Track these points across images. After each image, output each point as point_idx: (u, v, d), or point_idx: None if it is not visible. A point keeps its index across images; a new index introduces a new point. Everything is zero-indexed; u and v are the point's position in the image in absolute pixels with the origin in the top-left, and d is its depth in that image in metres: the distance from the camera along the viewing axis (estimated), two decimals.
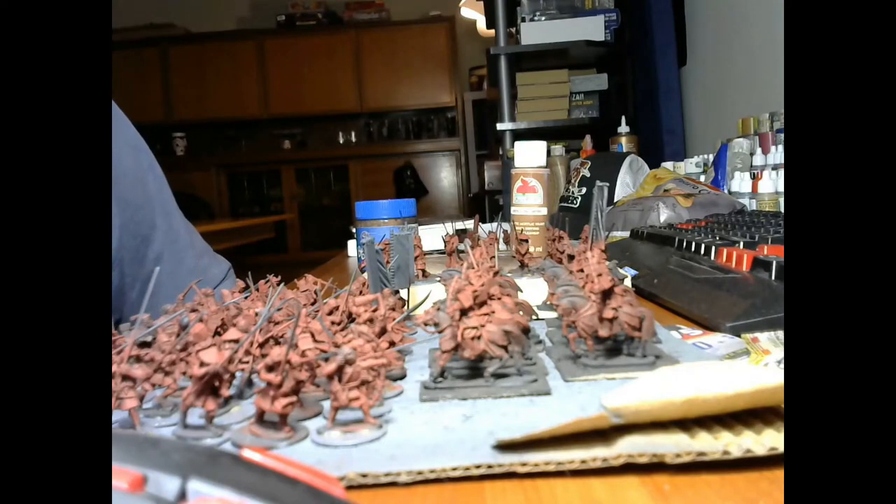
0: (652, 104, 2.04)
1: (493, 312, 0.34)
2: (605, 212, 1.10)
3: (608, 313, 0.34)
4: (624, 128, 1.88)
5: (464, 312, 0.33)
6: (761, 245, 0.56)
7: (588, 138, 2.00)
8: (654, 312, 0.45)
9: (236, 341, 0.34)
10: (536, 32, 2.09)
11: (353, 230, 1.53)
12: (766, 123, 1.35)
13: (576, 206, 1.28)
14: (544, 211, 0.74)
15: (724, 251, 0.56)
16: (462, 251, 0.64)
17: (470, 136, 4.97)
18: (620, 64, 2.29)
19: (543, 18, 2.12)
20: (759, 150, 1.17)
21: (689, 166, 1.32)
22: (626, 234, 0.98)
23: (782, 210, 0.97)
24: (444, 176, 5.24)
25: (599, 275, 0.34)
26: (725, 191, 1.08)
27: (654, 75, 2.02)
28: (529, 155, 0.73)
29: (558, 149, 1.95)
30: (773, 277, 0.46)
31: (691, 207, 0.97)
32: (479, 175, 4.51)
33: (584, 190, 1.27)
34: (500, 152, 2.34)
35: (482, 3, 2.55)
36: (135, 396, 0.30)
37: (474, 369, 0.35)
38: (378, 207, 0.92)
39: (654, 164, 1.46)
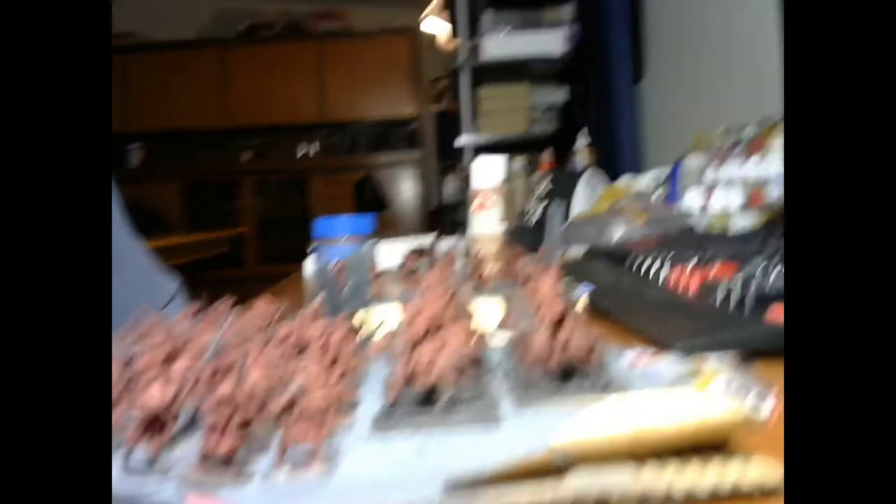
0: (609, 118, 2.07)
1: (447, 341, 0.34)
2: (562, 231, 1.11)
3: (559, 342, 0.34)
4: (583, 141, 1.91)
5: (417, 342, 0.33)
6: (710, 265, 0.58)
7: (547, 152, 2.03)
8: (607, 331, 0.45)
9: (184, 372, 0.33)
10: (498, 46, 2.12)
11: (312, 247, 1.52)
12: (720, 139, 1.38)
13: (534, 221, 1.29)
14: (501, 228, 0.75)
15: (674, 273, 0.58)
16: (418, 271, 0.64)
17: (431, 148, 4.98)
18: (580, 77, 2.33)
19: (505, 32, 2.14)
20: (711, 166, 1.20)
21: (646, 181, 1.35)
22: (583, 249, 0.99)
23: (731, 227, 1.00)
24: (405, 189, 5.24)
25: (551, 302, 0.35)
26: (678, 208, 1.11)
27: (610, 89, 2.06)
28: (488, 172, 0.74)
29: (518, 163, 1.98)
30: (719, 299, 0.47)
31: (645, 224, 0.98)
32: (438, 188, 4.52)
33: (543, 206, 1.28)
34: (461, 166, 2.35)
35: (444, 16, 2.57)
36: None
37: (427, 398, 0.35)
38: (337, 224, 0.91)
39: (612, 176, 1.49)
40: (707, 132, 1.44)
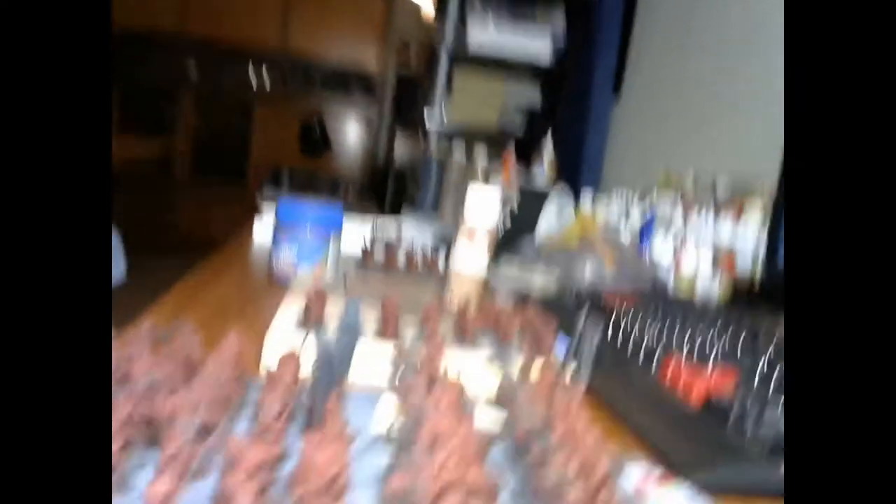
0: (580, 130, 2.05)
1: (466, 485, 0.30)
2: (530, 252, 1.08)
3: None
4: (548, 149, 1.88)
5: (440, 494, 0.29)
6: (704, 364, 0.55)
7: (512, 151, 1.99)
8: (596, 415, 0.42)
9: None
10: (483, 36, 2.04)
11: (261, 203, 1.42)
12: (689, 184, 1.38)
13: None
14: (485, 265, 0.71)
15: (670, 366, 0.55)
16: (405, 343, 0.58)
17: (387, 107, 4.86)
18: (558, 83, 2.29)
19: (492, 25, 2.07)
20: (680, 215, 1.20)
21: (612, 214, 1.33)
22: (549, 279, 0.96)
23: (697, 290, 0.99)
24: (352, 138, 5.10)
25: (594, 464, 0.31)
26: (648, 256, 1.10)
27: (587, 101, 2.03)
28: (484, 209, 0.69)
29: (481, 154, 1.93)
30: (729, 426, 0.45)
31: (615, 270, 0.96)
32: (387, 148, 4.43)
33: (507, 223, 1.24)
34: (423, 142, 2.28)
35: None
36: None
37: None
38: (303, 211, 0.84)
39: (572, 189, 1.46)
40: (675, 171, 1.44)
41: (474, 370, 0.50)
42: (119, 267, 0.73)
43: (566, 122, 2.15)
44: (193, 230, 4.50)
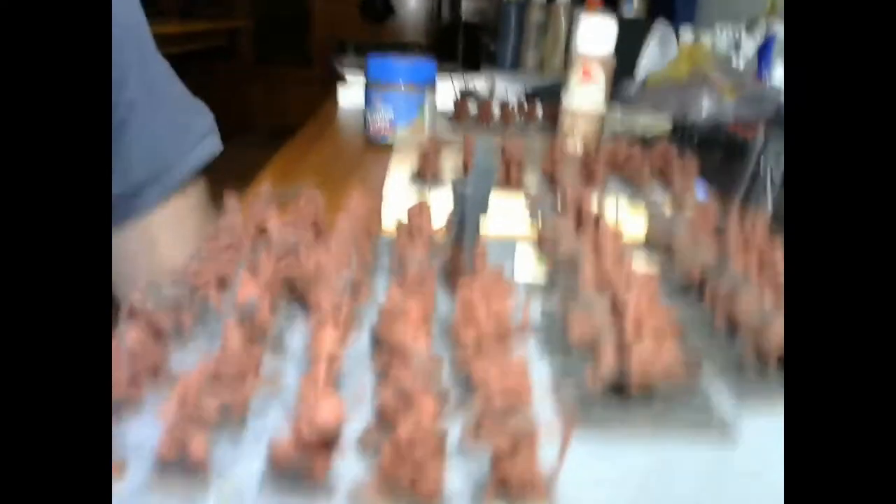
0: None
1: (663, 338, 0.26)
2: (634, 91, 0.99)
3: None
4: None
5: (633, 337, 0.25)
6: None
7: None
8: None
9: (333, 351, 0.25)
10: None
11: (340, 68, 1.37)
12: None
13: None
14: (603, 107, 0.64)
15: None
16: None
17: None
18: None
19: None
20: None
21: (720, 42, 1.20)
22: (660, 120, 0.89)
23: None
24: None
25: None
26: (768, 84, 0.99)
27: None
28: (598, 37, 0.61)
29: None
30: None
31: (736, 102, 0.87)
32: (451, 2, 4.18)
33: None
34: None
35: None
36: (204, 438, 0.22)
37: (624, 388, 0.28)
38: (394, 68, 0.79)
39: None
40: None
41: (617, 212, 0.46)
42: (215, 140, 0.71)
43: None
44: (264, 108, 4.50)
